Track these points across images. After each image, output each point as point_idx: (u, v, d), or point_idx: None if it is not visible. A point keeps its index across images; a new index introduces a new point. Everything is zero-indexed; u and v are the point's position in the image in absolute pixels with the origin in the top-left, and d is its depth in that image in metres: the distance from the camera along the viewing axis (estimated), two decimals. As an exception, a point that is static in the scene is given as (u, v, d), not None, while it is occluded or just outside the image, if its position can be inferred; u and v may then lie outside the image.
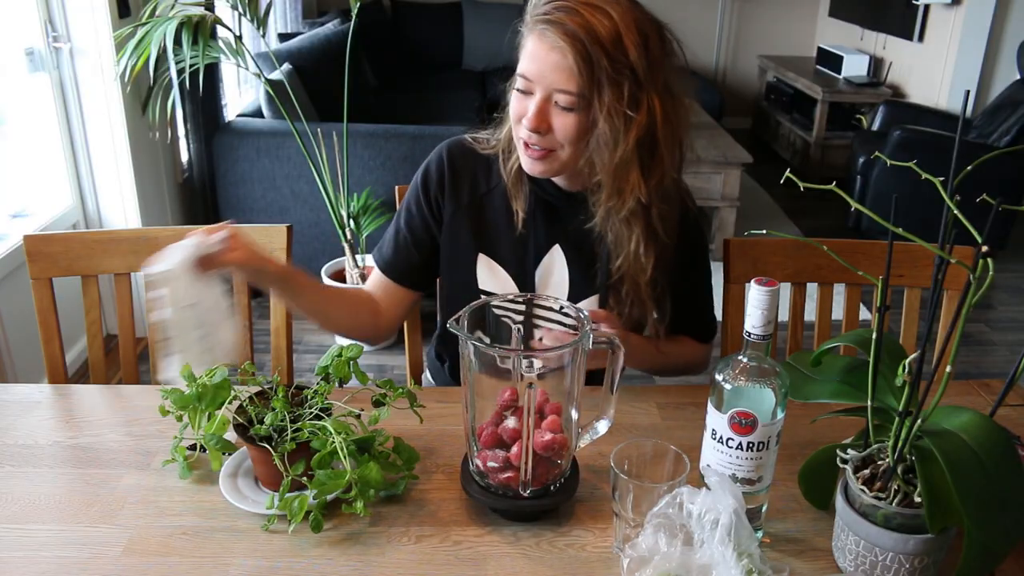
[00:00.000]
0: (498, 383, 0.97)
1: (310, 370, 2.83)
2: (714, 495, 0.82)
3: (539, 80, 1.12)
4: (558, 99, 1.12)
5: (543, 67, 1.11)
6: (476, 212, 1.31)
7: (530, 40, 1.12)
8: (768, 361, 0.89)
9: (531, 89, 1.13)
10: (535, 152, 1.17)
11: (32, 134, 2.69)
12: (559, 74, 1.10)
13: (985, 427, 0.82)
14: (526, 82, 1.13)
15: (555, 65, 1.10)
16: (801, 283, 1.48)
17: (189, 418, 1.04)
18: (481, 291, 1.31)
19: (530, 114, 1.13)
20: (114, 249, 1.41)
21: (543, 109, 1.13)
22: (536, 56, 1.11)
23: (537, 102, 1.13)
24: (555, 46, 1.09)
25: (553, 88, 1.12)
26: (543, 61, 1.10)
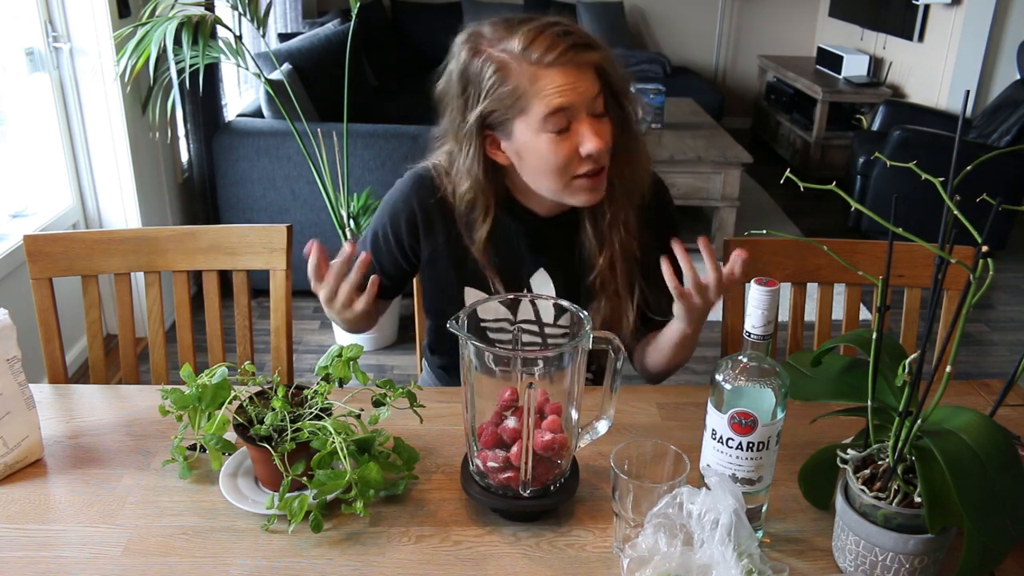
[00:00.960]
0: (498, 383, 0.97)
1: (310, 370, 2.83)
2: (714, 495, 0.82)
3: (580, 102, 1.11)
4: (595, 109, 1.13)
5: (579, 88, 1.10)
6: (454, 250, 1.29)
7: (548, 79, 1.09)
8: (768, 361, 0.89)
9: (570, 119, 1.12)
10: (592, 181, 1.16)
11: (32, 134, 2.69)
12: (591, 85, 1.12)
13: (985, 427, 0.82)
14: (562, 116, 1.11)
15: (587, 81, 1.11)
16: (801, 283, 1.48)
17: (189, 418, 1.04)
18: None
19: (591, 135, 1.12)
20: (114, 249, 1.41)
21: (595, 126, 1.13)
22: (568, 84, 1.09)
23: (590, 124, 1.12)
24: (577, 66, 1.10)
25: (591, 98, 1.12)
26: (577, 82, 1.10)
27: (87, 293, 1.42)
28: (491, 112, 1.14)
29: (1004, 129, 3.91)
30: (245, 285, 1.46)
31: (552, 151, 1.13)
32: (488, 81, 1.12)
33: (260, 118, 3.24)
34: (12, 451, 1.05)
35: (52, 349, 1.41)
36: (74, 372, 2.66)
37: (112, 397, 1.26)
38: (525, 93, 1.10)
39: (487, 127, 1.17)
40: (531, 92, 1.10)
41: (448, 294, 1.33)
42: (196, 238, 1.43)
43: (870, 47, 5.54)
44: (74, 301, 1.48)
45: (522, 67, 1.10)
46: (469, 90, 1.15)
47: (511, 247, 1.29)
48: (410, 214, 1.30)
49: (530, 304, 1.29)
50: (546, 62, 1.09)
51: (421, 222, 1.29)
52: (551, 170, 1.15)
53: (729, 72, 6.52)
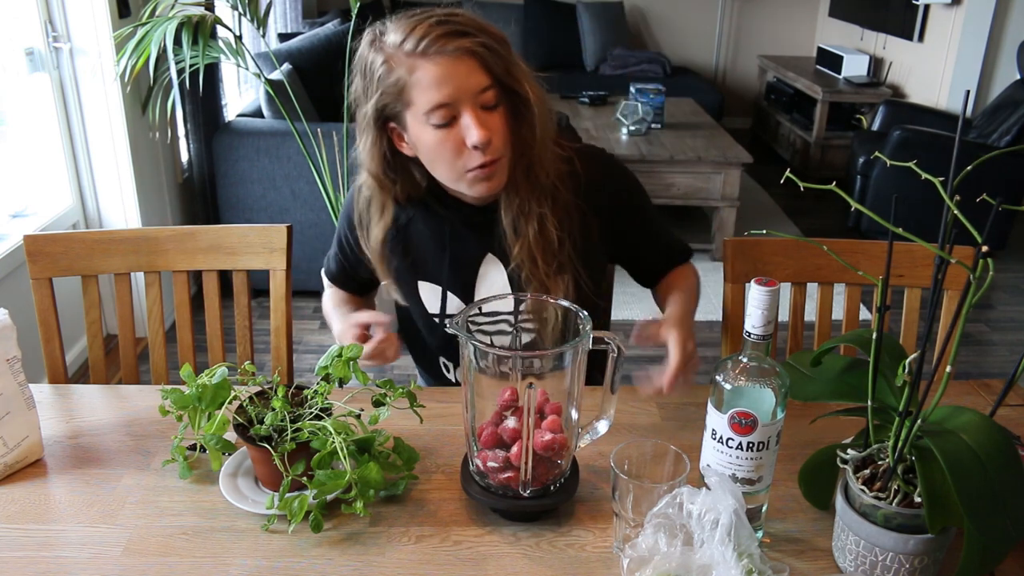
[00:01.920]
0: (498, 383, 0.97)
1: (310, 370, 2.83)
2: (714, 495, 0.82)
3: (461, 95, 1.09)
4: (482, 100, 1.11)
5: (457, 81, 1.08)
6: (403, 243, 1.31)
7: (423, 71, 1.08)
8: (768, 361, 0.89)
9: (454, 112, 1.10)
10: (486, 171, 1.14)
11: (32, 134, 2.69)
12: (475, 76, 1.09)
13: (985, 427, 0.82)
14: (447, 109, 1.09)
15: (468, 71, 1.09)
16: (801, 283, 1.48)
17: (189, 418, 1.04)
18: (431, 314, 1.34)
19: (474, 127, 1.09)
20: (114, 249, 1.41)
21: (479, 117, 1.10)
22: (445, 76, 1.08)
23: (472, 115, 1.10)
24: (455, 56, 1.07)
25: (474, 93, 1.10)
26: (454, 76, 1.08)
27: (87, 293, 1.42)
28: (384, 104, 1.13)
29: (1004, 129, 3.91)
30: (245, 285, 1.46)
31: (439, 144, 1.12)
32: (378, 72, 1.12)
33: (260, 118, 3.24)
34: (12, 451, 1.05)
35: (52, 349, 1.41)
36: (74, 372, 2.66)
37: (112, 397, 1.26)
38: (407, 85, 1.10)
39: (387, 119, 1.16)
40: (411, 83, 1.09)
41: (405, 292, 1.36)
42: (196, 238, 1.43)
43: (870, 47, 5.54)
44: (74, 301, 1.48)
45: (401, 58, 1.09)
46: (366, 82, 1.15)
47: (456, 238, 1.29)
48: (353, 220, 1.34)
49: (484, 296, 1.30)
50: (419, 52, 1.08)
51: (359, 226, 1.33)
52: (442, 162, 1.15)
53: (729, 72, 6.52)
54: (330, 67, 3.66)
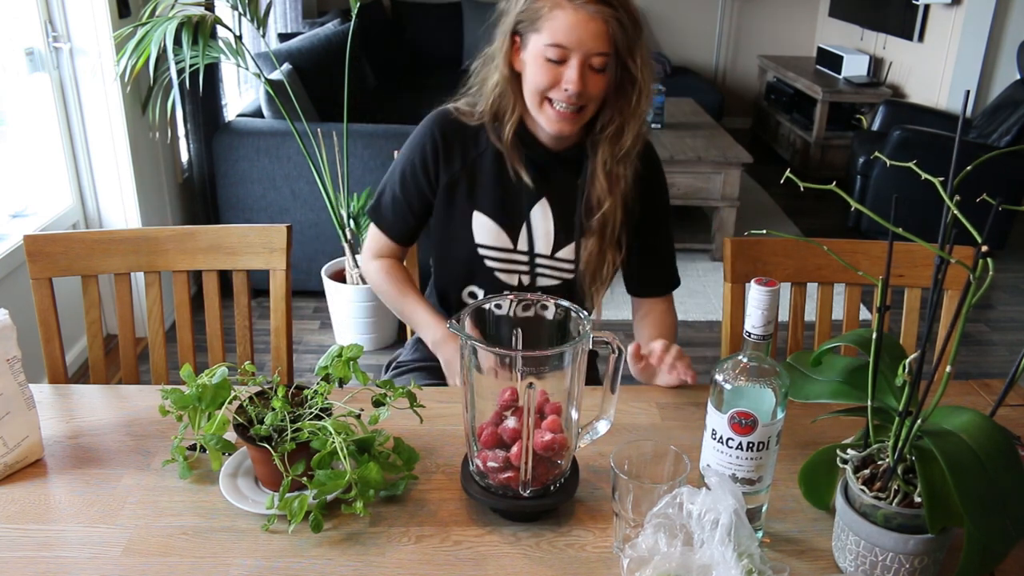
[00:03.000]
0: (498, 383, 0.97)
1: (310, 370, 2.83)
2: (714, 495, 0.82)
3: (578, 47, 1.24)
4: (593, 62, 1.26)
5: (583, 35, 1.23)
6: (469, 176, 1.42)
7: (562, 13, 1.24)
8: (768, 361, 0.89)
9: (566, 56, 1.25)
10: (568, 113, 1.30)
11: (32, 134, 2.69)
12: (598, 40, 1.24)
13: (985, 427, 0.82)
14: (561, 51, 1.25)
15: (595, 33, 1.23)
16: (801, 283, 1.48)
17: (189, 418, 1.04)
18: (477, 244, 1.43)
19: (573, 78, 1.25)
20: (114, 249, 1.41)
21: (583, 72, 1.26)
22: (575, 27, 1.23)
23: (577, 67, 1.25)
24: (593, 16, 1.23)
25: (592, 52, 1.25)
26: (583, 30, 1.23)
27: (87, 293, 1.42)
28: (520, 20, 1.30)
29: (1004, 129, 3.91)
30: (245, 285, 1.46)
31: (541, 72, 1.28)
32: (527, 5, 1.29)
33: (260, 118, 3.24)
34: (12, 451, 1.05)
35: (52, 349, 1.40)
36: (74, 372, 2.66)
37: (112, 397, 1.26)
38: (544, 16, 1.26)
39: (516, 32, 1.32)
40: (547, 17, 1.25)
41: (458, 220, 1.43)
42: (196, 238, 1.43)
43: (870, 47, 5.54)
44: (74, 301, 1.48)
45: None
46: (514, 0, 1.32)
47: (516, 175, 1.40)
48: (432, 142, 1.42)
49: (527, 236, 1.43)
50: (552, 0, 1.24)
51: (441, 148, 1.41)
52: (534, 87, 1.30)
53: (729, 72, 6.52)
54: (330, 67, 3.66)
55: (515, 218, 1.42)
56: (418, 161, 1.43)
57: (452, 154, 1.42)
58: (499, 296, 1.03)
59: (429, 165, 1.42)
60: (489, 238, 1.42)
